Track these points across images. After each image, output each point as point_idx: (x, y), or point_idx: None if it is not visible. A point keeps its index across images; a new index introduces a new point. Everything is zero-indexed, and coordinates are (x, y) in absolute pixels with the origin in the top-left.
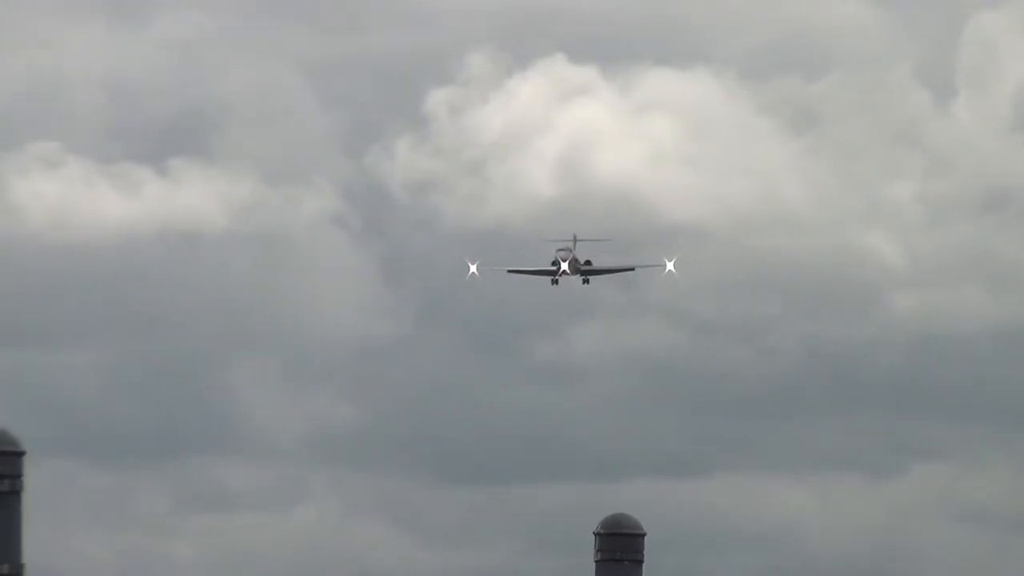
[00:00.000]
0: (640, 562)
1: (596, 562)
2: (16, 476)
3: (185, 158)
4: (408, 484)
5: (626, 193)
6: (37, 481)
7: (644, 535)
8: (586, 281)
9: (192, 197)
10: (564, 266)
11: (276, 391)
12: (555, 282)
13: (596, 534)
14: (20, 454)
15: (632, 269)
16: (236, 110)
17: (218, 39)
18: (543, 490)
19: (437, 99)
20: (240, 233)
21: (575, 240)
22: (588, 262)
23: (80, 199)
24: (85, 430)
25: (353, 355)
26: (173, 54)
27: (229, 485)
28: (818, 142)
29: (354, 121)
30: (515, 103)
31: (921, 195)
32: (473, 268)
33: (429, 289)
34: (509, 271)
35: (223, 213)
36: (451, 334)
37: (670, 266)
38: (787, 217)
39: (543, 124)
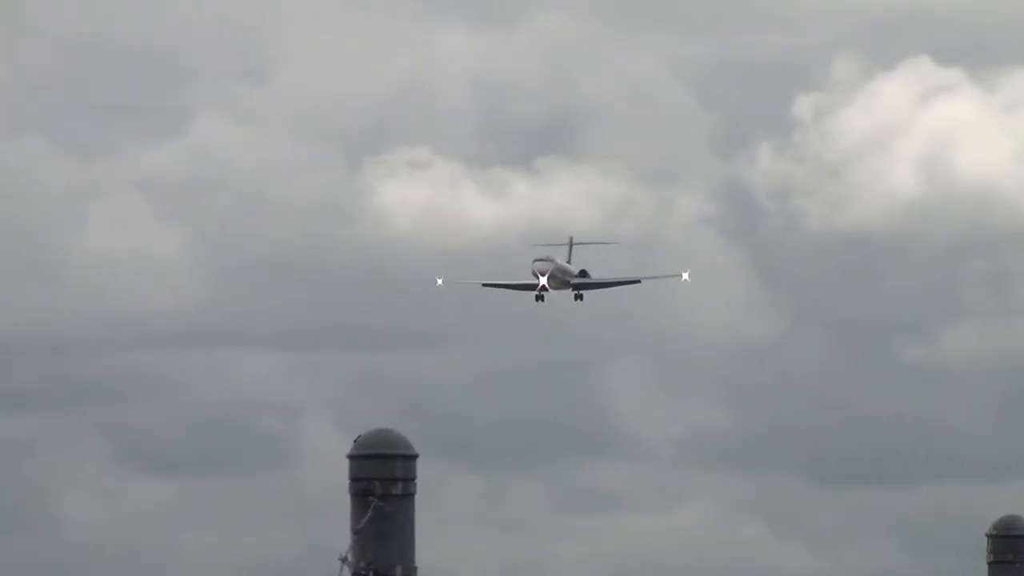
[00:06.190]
0: None
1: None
2: (410, 479)
3: (554, 158)
4: (787, 485)
5: (990, 192)
6: (423, 483)
7: None
8: (579, 297)
9: (562, 198)
10: (543, 280)
11: (652, 392)
12: (539, 298)
13: (988, 535)
14: (413, 457)
15: (638, 281)
16: (604, 110)
17: (583, 39)
18: (924, 491)
19: (804, 105)
20: (611, 233)
21: (571, 244)
22: (583, 272)
23: (448, 201)
24: (464, 433)
25: (728, 357)
26: (540, 55)
27: (608, 487)
28: None
29: (724, 124)
30: (878, 105)
31: None
32: (440, 281)
33: (800, 291)
34: (484, 285)
35: (594, 213)
36: (824, 335)
37: (686, 276)
38: None
39: (906, 125)
